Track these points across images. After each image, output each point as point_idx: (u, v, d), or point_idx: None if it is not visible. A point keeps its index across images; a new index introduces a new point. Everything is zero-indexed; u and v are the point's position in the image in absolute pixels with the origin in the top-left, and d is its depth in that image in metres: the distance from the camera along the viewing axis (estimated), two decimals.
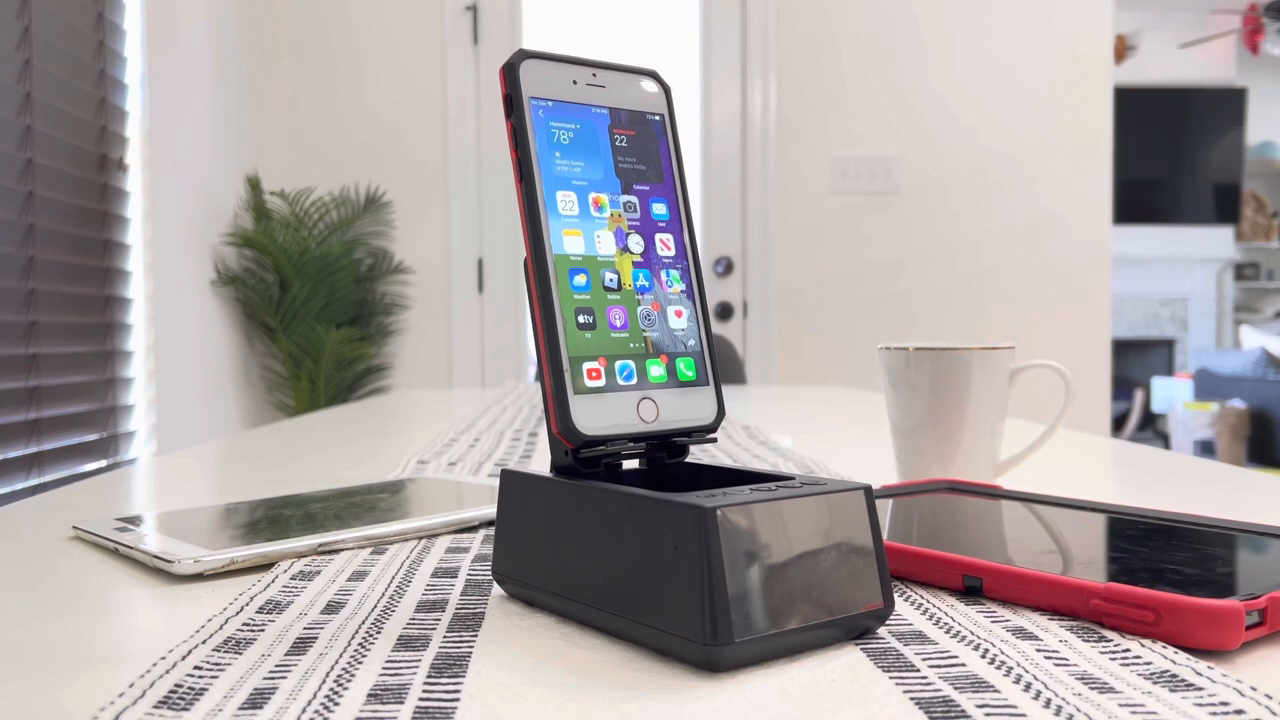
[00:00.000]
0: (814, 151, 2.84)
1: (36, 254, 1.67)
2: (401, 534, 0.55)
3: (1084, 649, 0.35)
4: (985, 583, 0.41)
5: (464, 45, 2.77)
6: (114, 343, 1.93)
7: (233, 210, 2.57)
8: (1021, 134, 2.86)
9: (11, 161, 1.62)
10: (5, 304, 1.60)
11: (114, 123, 1.95)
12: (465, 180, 2.78)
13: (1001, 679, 0.32)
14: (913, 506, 0.56)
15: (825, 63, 2.84)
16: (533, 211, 0.38)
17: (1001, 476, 0.67)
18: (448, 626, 0.39)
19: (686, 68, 2.83)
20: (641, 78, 0.43)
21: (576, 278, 0.39)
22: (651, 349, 0.40)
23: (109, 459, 1.89)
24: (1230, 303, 6.23)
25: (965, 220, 2.87)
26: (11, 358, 1.60)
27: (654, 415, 0.40)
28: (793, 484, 0.38)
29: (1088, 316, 2.89)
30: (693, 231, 0.42)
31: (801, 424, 1.33)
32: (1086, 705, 0.30)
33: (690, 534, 0.33)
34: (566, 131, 0.40)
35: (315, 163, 2.74)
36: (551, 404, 0.38)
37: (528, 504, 0.42)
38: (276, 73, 2.75)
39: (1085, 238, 2.90)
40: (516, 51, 0.39)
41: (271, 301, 2.54)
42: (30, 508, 0.71)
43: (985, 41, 2.85)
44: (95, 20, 1.89)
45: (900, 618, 0.39)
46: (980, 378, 0.65)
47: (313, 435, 1.18)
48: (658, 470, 0.42)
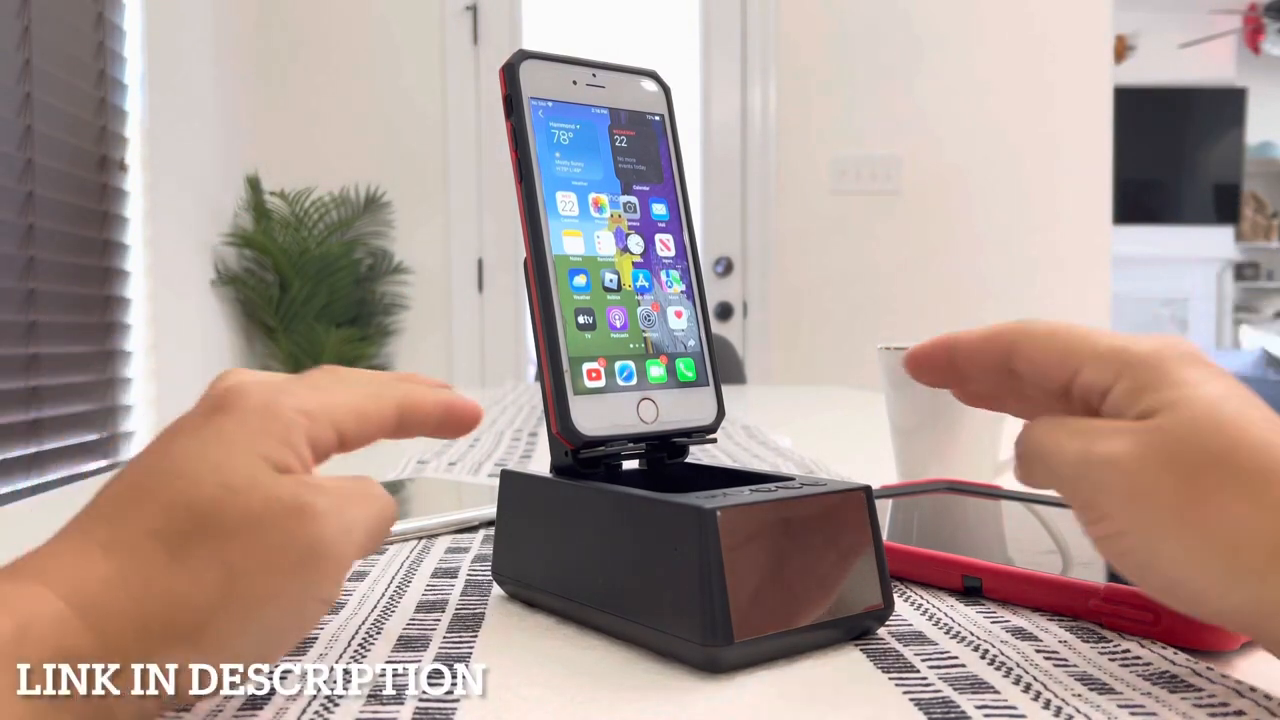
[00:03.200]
0: (814, 151, 2.84)
1: (36, 254, 1.67)
2: (401, 534, 0.55)
3: (1084, 649, 0.35)
4: (985, 583, 0.41)
5: (464, 45, 2.77)
6: (114, 343, 1.93)
7: (233, 210, 2.57)
8: (1021, 134, 2.86)
9: (11, 161, 1.62)
10: (5, 304, 1.60)
11: (114, 123, 1.95)
12: (465, 180, 2.78)
13: (1001, 680, 0.32)
14: (913, 506, 0.56)
15: (825, 63, 2.84)
16: (533, 212, 0.38)
17: (1001, 476, 0.66)
18: (448, 627, 0.39)
19: (686, 68, 2.82)
20: (641, 78, 0.43)
21: (576, 278, 0.39)
22: (651, 349, 0.40)
23: (109, 459, 1.89)
24: (1230, 303, 6.22)
25: (965, 220, 2.87)
26: (11, 358, 1.60)
27: (654, 416, 0.40)
28: (793, 484, 0.38)
29: (1088, 317, 2.89)
30: (693, 232, 0.42)
31: (801, 424, 1.33)
32: (1086, 706, 0.30)
33: (690, 534, 0.33)
34: (566, 132, 0.40)
35: (315, 163, 2.74)
36: (551, 404, 0.38)
37: (528, 504, 0.42)
38: (276, 73, 2.75)
39: (1085, 238, 2.90)
40: (516, 52, 0.39)
41: (271, 302, 2.54)
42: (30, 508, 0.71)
43: (985, 41, 2.85)
44: (95, 20, 1.89)
45: (900, 618, 0.39)
46: None
47: None
48: (658, 471, 0.42)
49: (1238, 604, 0.28)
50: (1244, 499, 0.28)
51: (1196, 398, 0.29)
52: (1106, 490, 0.30)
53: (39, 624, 0.25)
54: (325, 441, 0.31)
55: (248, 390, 0.30)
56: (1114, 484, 0.29)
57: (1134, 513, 0.29)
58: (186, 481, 0.28)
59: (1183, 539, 0.28)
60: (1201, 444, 0.29)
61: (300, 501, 0.28)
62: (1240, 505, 0.28)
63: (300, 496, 0.28)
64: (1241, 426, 0.29)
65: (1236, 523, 0.28)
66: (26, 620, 0.24)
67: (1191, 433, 0.29)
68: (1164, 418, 0.29)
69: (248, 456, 0.28)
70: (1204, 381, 0.30)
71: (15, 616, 0.24)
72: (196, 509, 0.27)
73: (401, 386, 0.34)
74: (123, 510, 0.28)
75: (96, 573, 0.26)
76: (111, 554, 0.26)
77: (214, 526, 0.27)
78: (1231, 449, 0.28)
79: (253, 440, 0.29)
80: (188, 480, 0.28)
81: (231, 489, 0.28)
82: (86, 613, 0.25)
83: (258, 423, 0.29)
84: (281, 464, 0.29)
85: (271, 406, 0.30)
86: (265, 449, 0.29)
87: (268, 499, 0.28)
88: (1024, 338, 0.33)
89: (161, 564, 0.27)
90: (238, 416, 0.29)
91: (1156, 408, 0.29)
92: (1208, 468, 0.28)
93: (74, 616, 0.25)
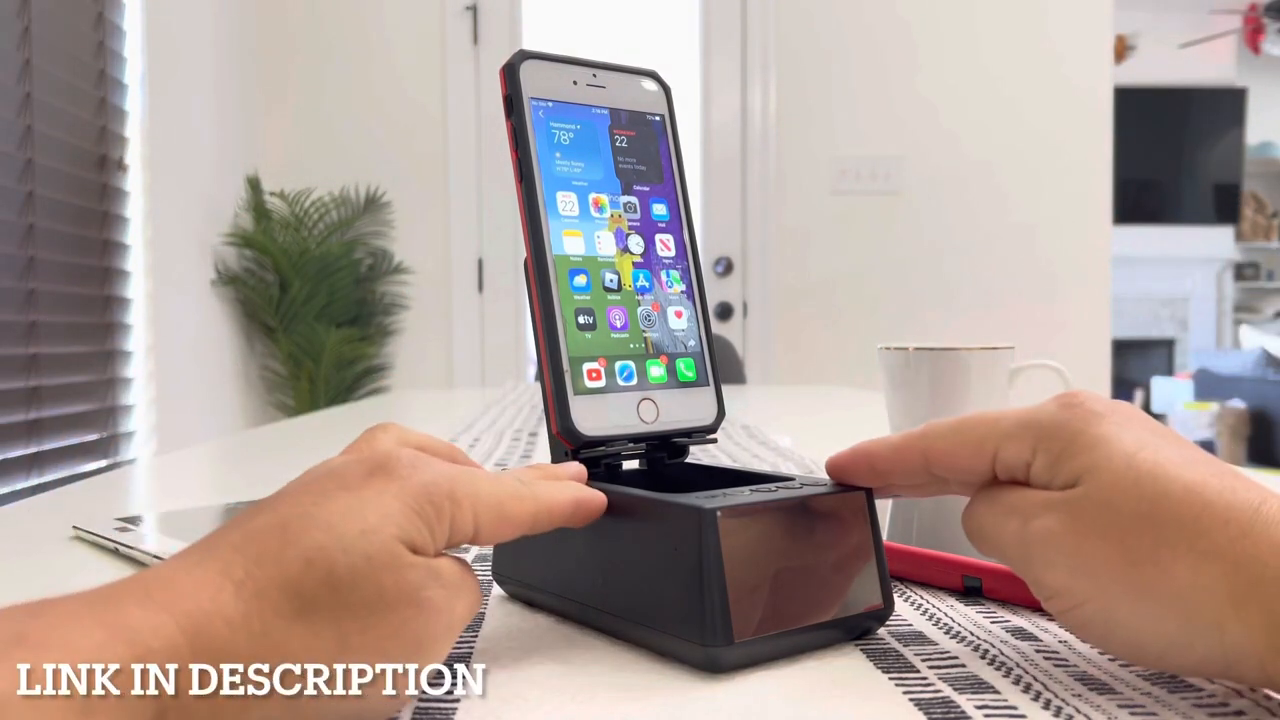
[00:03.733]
0: (814, 151, 2.84)
1: (36, 254, 1.67)
2: None
3: (1084, 649, 0.35)
4: (985, 583, 0.41)
5: (464, 45, 2.77)
6: (114, 343, 1.93)
7: (233, 210, 2.57)
8: (1021, 134, 2.86)
9: (11, 161, 1.62)
10: (5, 304, 1.60)
11: (114, 123, 1.95)
12: (465, 180, 2.78)
13: (1001, 680, 0.32)
14: (913, 506, 0.56)
15: (825, 63, 2.84)
16: (533, 212, 0.38)
17: None
18: None
19: (686, 68, 2.82)
20: (641, 78, 0.43)
21: (577, 278, 0.39)
22: (651, 349, 0.40)
23: (109, 459, 1.89)
24: (1230, 303, 6.22)
25: (965, 220, 2.87)
26: (11, 358, 1.60)
27: (654, 416, 0.40)
28: (793, 484, 0.38)
29: (1088, 317, 2.89)
30: (693, 232, 0.42)
31: (801, 424, 1.33)
32: (1086, 706, 0.30)
33: (690, 535, 0.33)
34: (567, 132, 0.40)
35: (315, 163, 2.74)
36: (551, 404, 0.38)
37: None
38: (276, 73, 2.75)
39: (1085, 238, 2.90)
40: (517, 52, 0.39)
41: (271, 302, 2.54)
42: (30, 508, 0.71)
43: (985, 41, 2.85)
44: (95, 20, 1.89)
45: (900, 618, 0.39)
46: (980, 378, 0.65)
47: (313, 435, 1.19)
48: (658, 471, 0.42)
49: (1203, 657, 0.28)
50: (1181, 555, 0.28)
51: (1112, 456, 0.29)
52: (1051, 568, 0.30)
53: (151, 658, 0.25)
54: (463, 534, 0.31)
55: (412, 463, 0.31)
56: (1056, 561, 0.30)
57: (1082, 585, 0.29)
58: (334, 543, 0.28)
59: (1135, 605, 0.28)
60: (1127, 507, 0.29)
61: (422, 596, 0.29)
62: (1179, 563, 0.28)
63: (423, 590, 0.29)
64: (1160, 478, 0.29)
65: (1180, 580, 0.28)
66: (143, 654, 0.24)
67: (1114, 496, 0.29)
68: (1086, 485, 0.29)
69: (397, 532, 0.29)
70: (1116, 436, 0.30)
71: (135, 649, 0.24)
72: (335, 575, 0.28)
73: (539, 486, 0.34)
74: (265, 553, 0.28)
75: (224, 613, 0.26)
76: (242, 596, 0.27)
77: (344, 597, 0.28)
78: (1155, 506, 0.28)
79: (406, 517, 0.29)
80: (335, 542, 0.28)
81: (373, 564, 0.28)
82: (200, 652, 0.26)
83: (413, 501, 0.30)
84: (420, 546, 0.30)
85: (430, 488, 0.30)
86: (413, 528, 0.29)
87: (399, 584, 0.28)
88: (934, 441, 0.34)
89: (285, 618, 0.27)
90: (396, 488, 0.30)
91: (1077, 474, 0.30)
92: (1138, 530, 0.28)
93: (188, 652, 0.25)
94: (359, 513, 0.29)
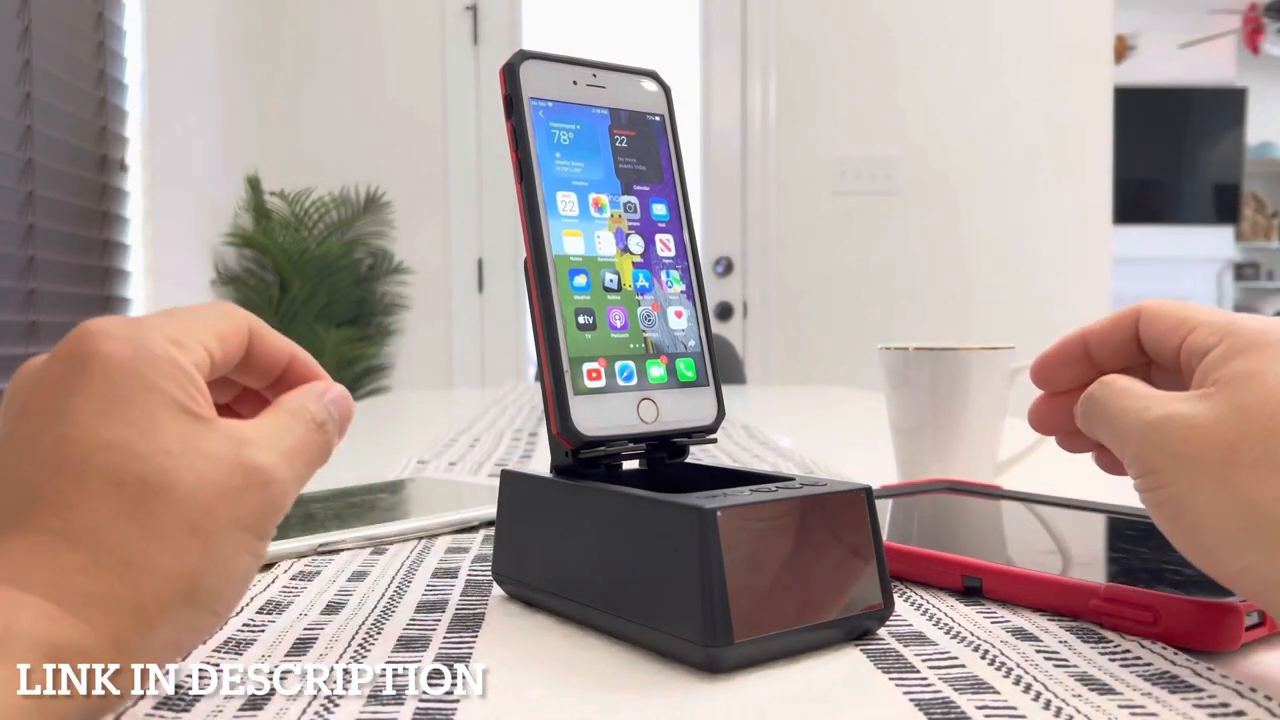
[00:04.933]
0: (814, 151, 2.84)
1: (36, 254, 1.67)
2: (401, 534, 0.55)
3: (1084, 650, 0.35)
4: (985, 583, 0.41)
5: (464, 45, 2.77)
6: None
7: (233, 210, 2.57)
8: (1021, 134, 2.86)
9: (11, 161, 1.62)
10: (5, 304, 1.60)
11: (114, 123, 1.95)
12: (465, 180, 2.78)
13: (1001, 680, 0.32)
14: (913, 506, 0.56)
15: (825, 63, 2.84)
16: (533, 212, 0.38)
17: (1001, 476, 0.67)
18: (448, 627, 0.39)
19: (686, 68, 2.82)
20: (641, 78, 0.43)
21: (576, 278, 0.39)
22: (652, 349, 0.40)
23: None
24: (1230, 303, 6.22)
25: (965, 220, 2.87)
26: (11, 358, 1.60)
27: (654, 416, 0.40)
28: (793, 484, 0.38)
29: (1088, 317, 2.86)
30: (693, 232, 0.42)
31: (801, 424, 1.33)
32: (1086, 707, 0.30)
33: (690, 535, 0.33)
34: (567, 132, 0.40)
35: (315, 163, 2.74)
36: (551, 404, 0.38)
37: (528, 504, 0.42)
38: (276, 72, 2.75)
39: (1085, 238, 2.90)
40: (516, 52, 0.39)
41: (271, 302, 2.54)
42: None
43: (985, 41, 2.85)
44: (95, 20, 1.89)
45: (900, 618, 0.39)
46: (980, 378, 0.65)
47: None
48: (658, 471, 0.42)
49: (1248, 565, 0.29)
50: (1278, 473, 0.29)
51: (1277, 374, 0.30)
52: (1157, 450, 0.31)
53: (21, 625, 0.24)
54: (201, 366, 0.30)
55: (111, 332, 0.28)
56: (1163, 444, 0.31)
57: (1178, 468, 0.31)
58: (121, 452, 0.26)
59: (1214, 495, 0.30)
60: (1262, 415, 0.30)
61: (242, 459, 0.28)
62: (1273, 478, 0.29)
63: (240, 454, 0.28)
64: None
65: (1268, 492, 0.29)
66: (8, 622, 0.24)
67: (1261, 403, 0.30)
68: (1242, 382, 0.31)
69: (160, 409, 0.27)
70: None
71: None
72: (150, 480, 0.26)
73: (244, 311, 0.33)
74: (64, 494, 0.26)
75: (70, 563, 0.25)
76: (77, 542, 0.25)
77: (172, 493, 0.27)
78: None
79: (150, 391, 0.27)
80: (120, 451, 0.26)
81: (170, 453, 0.27)
82: (73, 605, 0.25)
83: (146, 368, 0.28)
84: (187, 406, 0.28)
85: (145, 346, 0.28)
86: (169, 394, 0.28)
87: (210, 457, 0.28)
88: (1148, 307, 0.36)
89: (135, 540, 0.26)
90: (118, 364, 0.27)
91: (1240, 373, 0.31)
92: (1259, 438, 0.29)
93: (61, 612, 0.25)
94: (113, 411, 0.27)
